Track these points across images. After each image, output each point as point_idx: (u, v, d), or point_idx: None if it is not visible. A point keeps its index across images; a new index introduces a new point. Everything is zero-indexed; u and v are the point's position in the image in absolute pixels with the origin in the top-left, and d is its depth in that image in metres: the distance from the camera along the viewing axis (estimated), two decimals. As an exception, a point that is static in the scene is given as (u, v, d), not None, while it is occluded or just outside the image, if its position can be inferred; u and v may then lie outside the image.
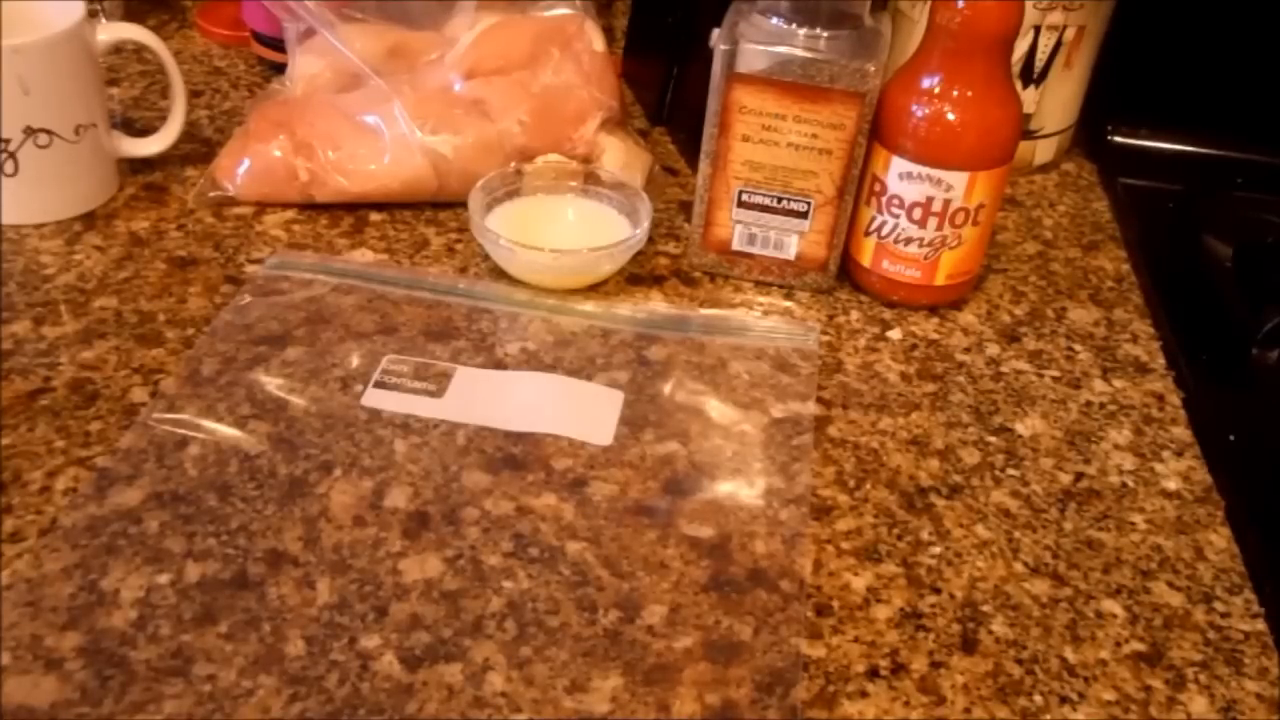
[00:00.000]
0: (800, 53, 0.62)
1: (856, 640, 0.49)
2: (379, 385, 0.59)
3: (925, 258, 0.66)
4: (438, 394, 0.59)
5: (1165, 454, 0.61)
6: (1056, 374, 0.66)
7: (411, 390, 0.59)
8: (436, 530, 0.52)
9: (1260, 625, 0.52)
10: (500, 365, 0.61)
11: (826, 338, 0.66)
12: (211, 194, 0.72)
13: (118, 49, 0.84)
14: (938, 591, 0.52)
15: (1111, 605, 0.52)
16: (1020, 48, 0.76)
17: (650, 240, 0.71)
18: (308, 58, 0.75)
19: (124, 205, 0.71)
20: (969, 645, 0.49)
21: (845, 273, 0.70)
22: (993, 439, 0.61)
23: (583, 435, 0.57)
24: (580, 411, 0.59)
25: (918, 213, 0.65)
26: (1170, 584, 0.53)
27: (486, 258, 0.69)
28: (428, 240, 0.71)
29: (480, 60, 0.74)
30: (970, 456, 0.59)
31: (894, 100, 0.64)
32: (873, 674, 0.47)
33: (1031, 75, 0.79)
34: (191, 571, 0.49)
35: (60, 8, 0.66)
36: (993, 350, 0.67)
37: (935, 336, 0.67)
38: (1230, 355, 0.68)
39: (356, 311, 0.64)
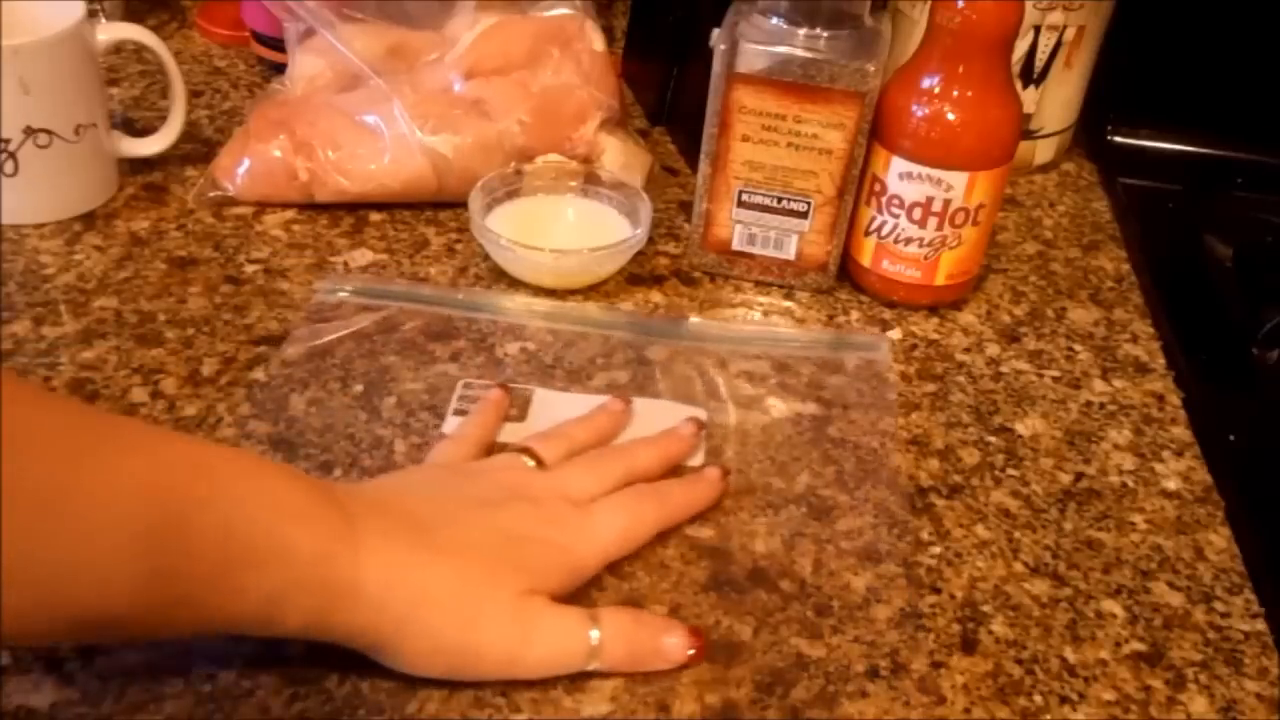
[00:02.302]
0: (800, 53, 0.62)
1: (856, 640, 0.49)
2: (459, 413, 0.58)
3: (925, 258, 0.66)
4: (519, 418, 0.58)
5: (1165, 454, 0.61)
6: (1056, 374, 0.66)
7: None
8: (436, 530, 0.52)
9: (1260, 625, 0.52)
10: (500, 365, 0.61)
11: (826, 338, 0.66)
12: (211, 194, 0.72)
13: (118, 49, 0.84)
14: (938, 591, 0.52)
15: (1111, 605, 0.52)
16: (1020, 48, 0.76)
17: (650, 240, 0.71)
18: (308, 58, 0.75)
19: (124, 205, 0.71)
20: (969, 645, 0.49)
21: (845, 273, 0.70)
22: (993, 439, 0.61)
23: None
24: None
25: (918, 213, 0.65)
26: (1170, 584, 0.53)
27: (486, 258, 0.69)
28: (428, 240, 0.71)
29: (480, 60, 0.74)
30: (970, 456, 0.59)
31: (894, 100, 0.64)
32: (873, 674, 0.47)
33: (1031, 75, 0.79)
34: (191, 571, 0.49)
35: (60, 8, 0.66)
36: (993, 350, 0.67)
37: (935, 336, 0.67)
38: (1230, 355, 0.68)
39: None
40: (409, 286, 0.66)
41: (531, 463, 0.51)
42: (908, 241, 0.66)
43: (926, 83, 0.63)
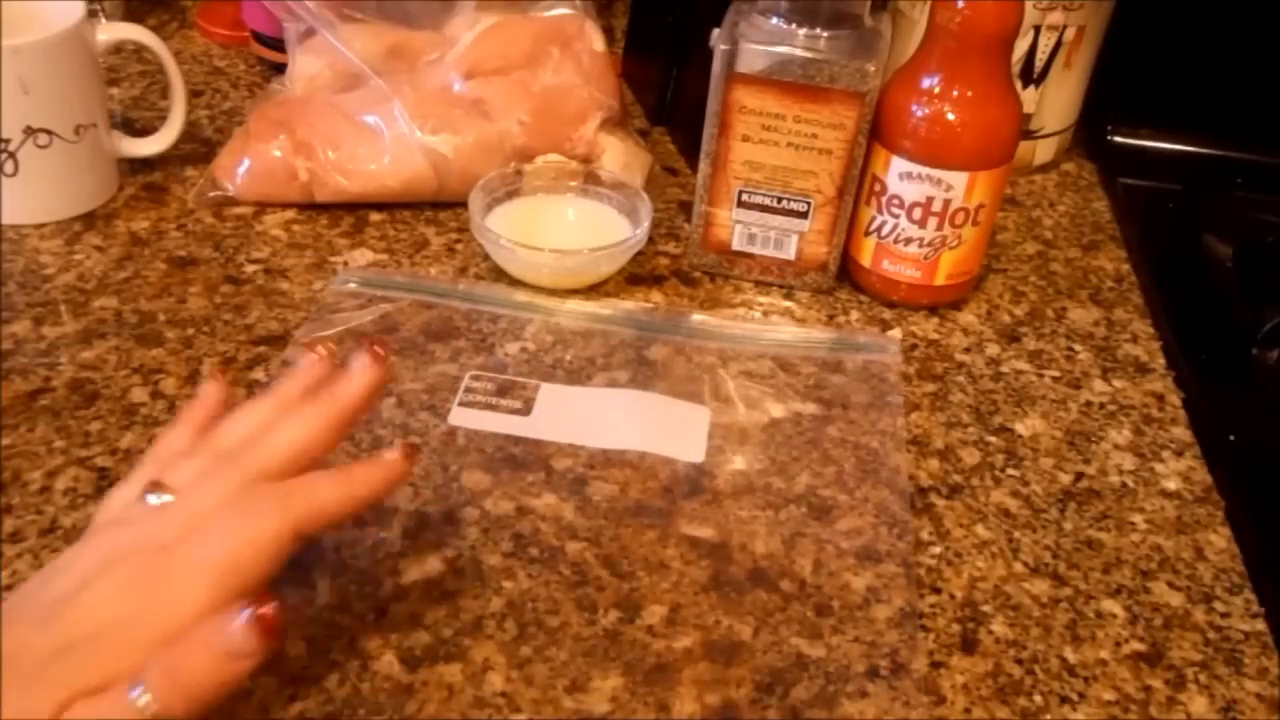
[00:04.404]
0: (800, 53, 0.62)
1: (856, 640, 0.49)
2: (465, 405, 0.58)
3: (925, 258, 0.66)
4: (524, 412, 0.58)
5: (1165, 454, 0.61)
6: (1056, 374, 0.66)
7: (500, 409, 0.58)
8: (436, 530, 0.52)
9: (1260, 625, 0.52)
10: (502, 365, 0.61)
11: (825, 338, 0.66)
12: (211, 194, 0.72)
13: (118, 49, 0.84)
14: (938, 591, 0.52)
15: (1111, 605, 0.52)
16: (1020, 48, 0.76)
17: (650, 240, 0.71)
18: (308, 58, 0.75)
19: (124, 205, 0.71)
20: (969, 645, 0.49)
21: (845, 273, 0.70)
22: (993, 439, 0.61)
23: (673, 453, 0.57)
24: (670, 429, 0.58)
25: (918, 213, 0.65)
26: (1170, 584, 0.53)
27: (486, 258, 0.69)
28: (428, 240, 0.71)
29: (480, 60, 0.74)
30: (970, 456, 0.59)
31: (894, 100, 0.64)
32: (873, 674, 0.47)
33: (1031, 75, 0.79)
34: (191, 571, 0.49)
35: (60, 8, 0.66)
36: (993, 350, 0.67)
37: (935, 336, 0.67)
38: (1230, 355, 0.68)
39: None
40: (416, 279, 0.66)
41: (159, 498, 0.41)
42: (908, 241, 0.66)
43: (926, 83, 0.63)
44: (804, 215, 0.67)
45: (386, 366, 0.44)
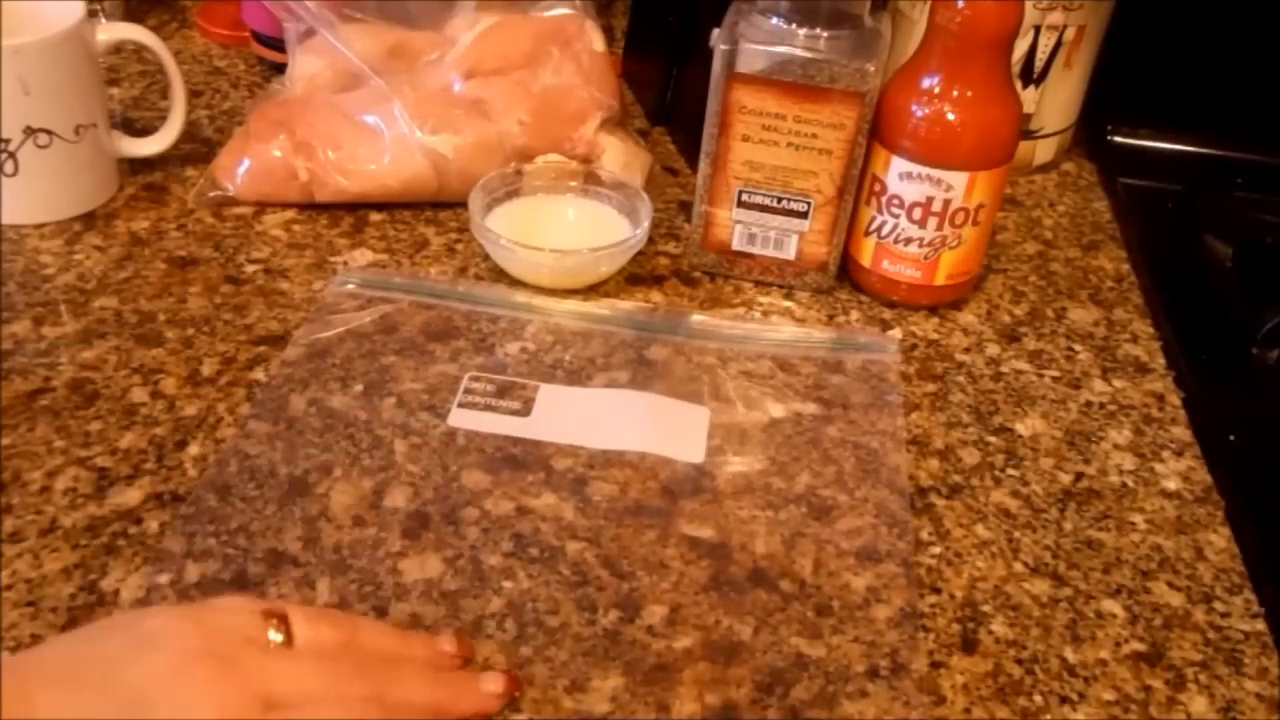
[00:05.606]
0: (800, 53, 0.62)
1: (856, 640, 0.49)
2: (464, 406, 0.58)
3: (925, 258, 0.66)
4: (523, 413, 0.58)
5: (1165, 454, 0.61)
6: (1056, 374, 0.66)
7: (499, 410, 0.58)
8: (436, 530, 0.52)
9: (1260, 625, 0.52)
10: (501, 366, 0.61)
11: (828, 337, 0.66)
12: (211, 194, 0.72)
13: (118, 49, 0.84)
14: (938, 591, 0.52)
15: (1111, 605, 0.52)
16: (1020, 48, 0.76)
17: (650, 240, 0.71)
18: (308, 58, 0.75)
19: (124, 205, 0.71)
20: (969, 645, 0.49)
21: (845, 273, 0.70)
22: (993, 439, 0.61)
23: (673, 453, 0.57)
24: (669, 429, 0.58)
25: (918, 213, 0.65)
26: (1170, 584, 0.53)
27: (486, 258, 0.69)
28: (428, 240, 0.71)
29: (480, 60, 0.74)
30: (970, 456, 0.59)
31: (894, 100, 0.64)
32: (873, 674, 0.47)
33: (1031, 75, 0.79)
34: (191, 571, 0.49)
35: (60, 8, 0.66)
36: (993, 350, 0.67)
37: (935, 336, 0.67)
38: (1230, 355, 0.68)
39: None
40: (416, 280, 0.66)
41: (278, 636, 0.41)
42: (908, 241, 0.66)
43: (926, 83, 0.63)
44: (804, 215, 0.67)
45: (509, 700, 0.45)
